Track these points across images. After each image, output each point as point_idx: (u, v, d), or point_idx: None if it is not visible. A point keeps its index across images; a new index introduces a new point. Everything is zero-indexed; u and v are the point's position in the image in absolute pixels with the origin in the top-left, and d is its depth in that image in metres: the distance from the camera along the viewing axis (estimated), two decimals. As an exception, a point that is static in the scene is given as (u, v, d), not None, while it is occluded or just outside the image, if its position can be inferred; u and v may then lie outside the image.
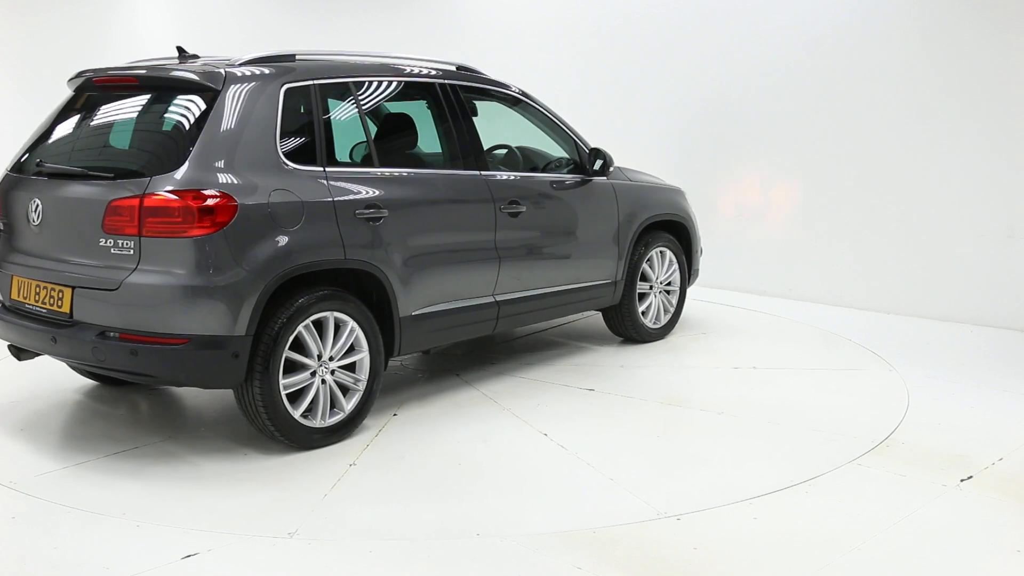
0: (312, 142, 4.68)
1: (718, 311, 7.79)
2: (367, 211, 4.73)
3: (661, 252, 6.65)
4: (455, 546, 3.65)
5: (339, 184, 4.67)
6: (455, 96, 5.39)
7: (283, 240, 4.40)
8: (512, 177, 5.69)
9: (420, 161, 5.40)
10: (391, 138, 5.32)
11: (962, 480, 4.32)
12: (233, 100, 4.43)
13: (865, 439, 4.81)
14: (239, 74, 4.52)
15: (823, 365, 6.24)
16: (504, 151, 6.24)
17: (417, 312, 5.03)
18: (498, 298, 5.47)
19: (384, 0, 10.75)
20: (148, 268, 4.20)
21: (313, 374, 4.59)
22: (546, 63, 9.61)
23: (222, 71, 4.49)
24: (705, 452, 4.66)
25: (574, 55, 9.56)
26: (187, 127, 4.36)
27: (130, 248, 4.21)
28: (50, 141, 4.73)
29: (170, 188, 4.18)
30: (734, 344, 6.71)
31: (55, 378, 5.59)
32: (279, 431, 4.50)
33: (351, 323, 4.70)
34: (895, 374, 6.01)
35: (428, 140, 5.47)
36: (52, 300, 4.45)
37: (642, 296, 6.60)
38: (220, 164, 4.30)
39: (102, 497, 4.07)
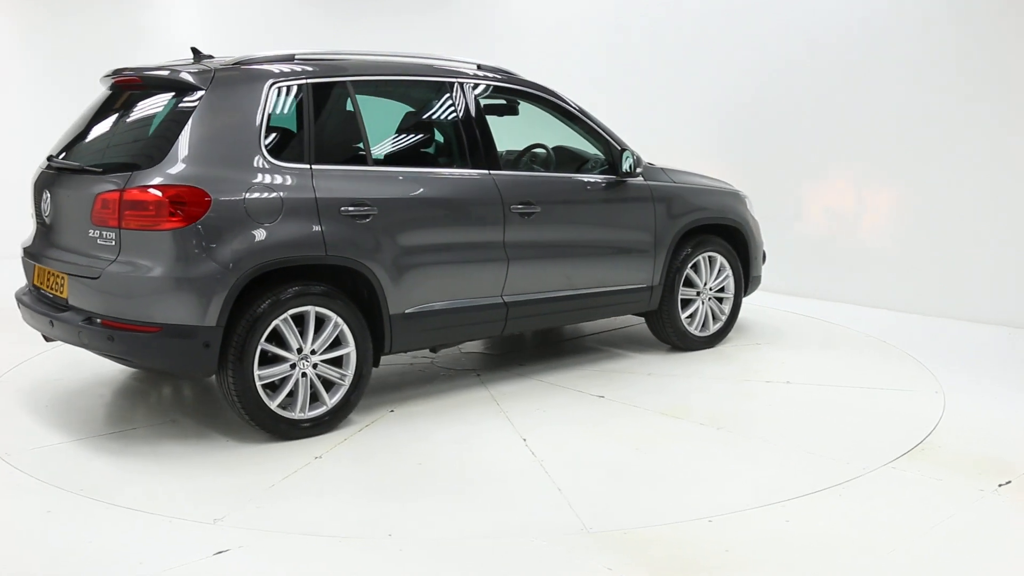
0: (300, 140, 4.78)
1: (783, 318, 7.44)
2: (353, 209, 4.79)
3: (710, 257, 6.38)
4: (486, 545, 3.65)
5: (325, 182, 4.75)
6: (464, 95, 5.36)
7: (258, 235, 4.52)
8: (527, 177, 5.61)
9: (420, 160, 5.39)
10: (388, 137, 5.36)
11: (1000, 485, 4.20)
12: (217, 99, 4.59)
13: (900, 442, 4.70)
14: (227, 74, 4.68)
15: (858, 373, 5.95)
16: (542, 151, 6.16)
17: (411, 310, 5.04)
18: (507, 299, 5.42)
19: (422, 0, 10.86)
20: (126, 259, 4.42)
21: (293, 367, 4.70)
22: (583, 61, 9.56)
23: (211, 71, 4.66)
24: (672, 467, 4.46)
25: (611, 52, 9.49)
26: (172, 125, 4.55)
27: (112, 239, 4.45)
28: (72, 137, 5.05)
29: (146, 182, 4.39)
30: (781, 355, 6.37)
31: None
32: (254, 420, 4.64)
33: (335, 318, 4.77)
34: (931, 377, 5.85)
35: (434, 139, 5.47)
36: (56, 286, 4.76)
37: (689, 302, 6.36)
38: (199, 160, 4.47)
39: (65, 474, 4.34)
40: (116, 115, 4.95)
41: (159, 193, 4.36)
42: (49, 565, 3.49)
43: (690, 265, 6.27)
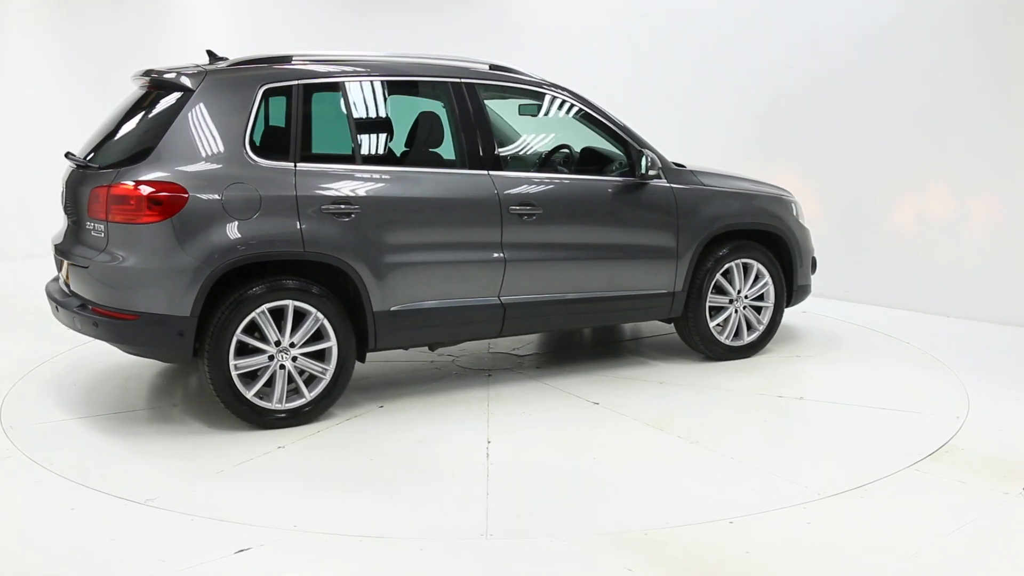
0: (288, 140, 4.92)
1: (838, 329, 7.06)
2: (335, 207, 4.90)
3: (745, 264, 6.11)
4: (506, 545, 3.66)
5: (308, 180, 4.88)
6: (466, 95, 5.36)
7: (234, 231, 4.70)
8: (529, 178, 5.54)
9: (414, 160, 5.41)
10: (380, 137, 5.41)
11: None
12: (205, 100, 4.81)
13: (923, 444, 4.65)
14: (218, 76, 4.89)
15: (882, 392, 5.56)
16: (567, 152, 6.08)
17: (397, 308, 5.10)
18: (504, 300, 5.38)
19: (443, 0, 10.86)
20: (111, 250, 4.70)
21: (271, 358, 4.86)
22: (603, 60, 9.52)
23: (204, 73, 4.88)
24: (618, 478, 4.31)
25: (631, 51, 9.39)
26: (162, 124, 4.81)
27: (102, 231, 4.75)
28: (93, 135, 5.38)
29: (130, 178, 4.65)
30: (816, 368, 6.05)
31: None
32: (229, 408, 4.83)
33: (314, 313, 4.89)
34: (954, 378, 5.77)
35: (429, 139, 5.49)
36: (66, 275, 5.11)
37: (722, 310, 6.12)
38: (181, 158, 4.69)
39: (43, 449, 4.66)
40: (130, 114, 5.24)
41: (138, 188, 4.61)
42: (71, 561, 3.55)
43: (721, 272, 6.03)
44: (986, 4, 7.12)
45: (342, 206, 4.91)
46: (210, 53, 5.36)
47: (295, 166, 4.89)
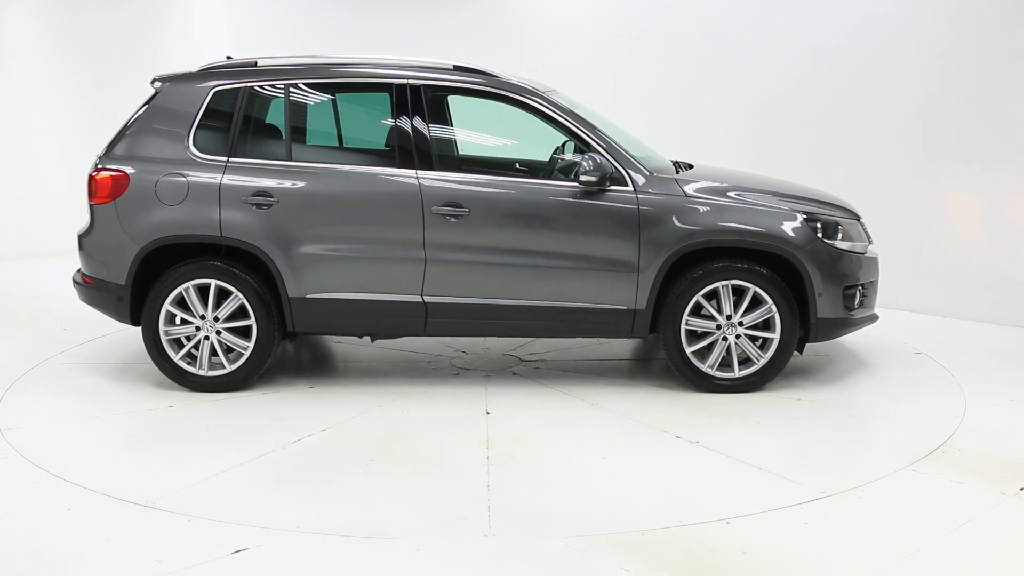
0: (227, 137, 5.50)
1: (896, 357, 5.93)
2: (255, 198, 5.38)
3: (738, 287, 5.40)
4: (502, 545, 3.68)
5: (235, 173, 5.42)
6: (406, 96, 5.48)
7: (161, 214, 5.41)
8: (461, 180, 5.47)
9: (345, 158, 5.61)
10: (313, 136, 5.70)
11: (1021, 488, 4.16)
12: (163, 100, 5.57)
13: (920, 445, 4.69)
14: (180, 79, 5.61)
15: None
16: (559, 156, 5.87)
17: (312, 296, 5.44)
18: (427, 299, 5.44)
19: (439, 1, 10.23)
20: (87, 225, 5.67)
21: (198, 329, 5.50)
22: (603, 59, 9.21)
23: (171, 77, 5.64)
24: (335, 487, 4.25)
25: (631, 51, 9.10)
26: (131, 119, 5.65)
27: (87, 210, 5.74)
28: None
29: (96, 166, 5.57)
30: (790, 413, 5.17)
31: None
32: (159, 368, 5.57)
33: (235, 293, 5.44)
34: (951, 379, 5.81)
35: (364, 139, 5.68)
36: None
37: (708, 336, 5.50)
38: (133, 150, 5.51)
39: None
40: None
41: (94, 174, 5.52)
42: (68, 561, 3.56)
43: (703, 292, 5.41)
44: (985, 4, 6.99)
45: (261, 197, 5.38)
46: (228, 59, 6.10)
47: (227, 160, 5.45)
